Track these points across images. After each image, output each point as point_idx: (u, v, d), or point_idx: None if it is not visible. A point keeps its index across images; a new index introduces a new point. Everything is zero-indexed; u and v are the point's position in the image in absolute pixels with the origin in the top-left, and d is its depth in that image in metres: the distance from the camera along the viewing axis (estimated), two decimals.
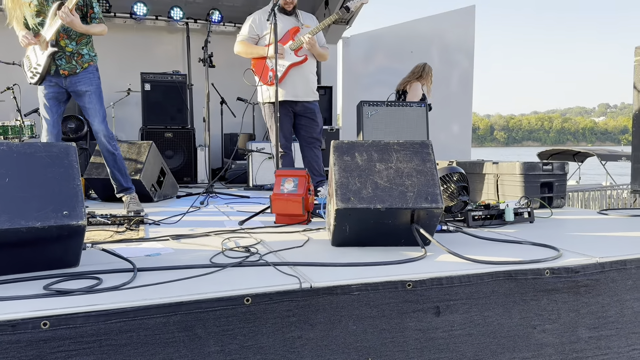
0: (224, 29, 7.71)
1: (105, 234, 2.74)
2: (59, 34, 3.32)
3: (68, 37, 3.36)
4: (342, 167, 2.35)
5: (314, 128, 4.25)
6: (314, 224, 3.10)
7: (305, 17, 4.27)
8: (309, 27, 4.11)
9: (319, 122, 4.29)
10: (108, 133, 3.53)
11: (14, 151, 1.93)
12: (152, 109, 6.33)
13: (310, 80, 4.23)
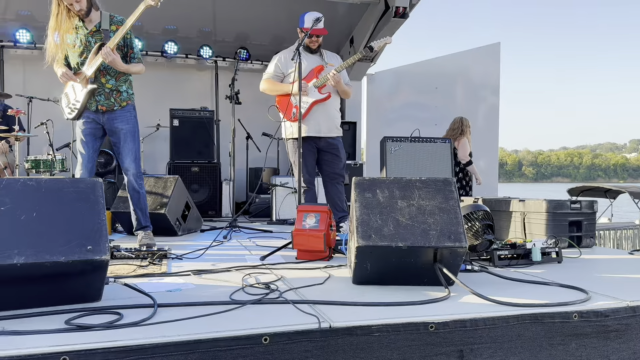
0: (251, 67, 7.90)
1: (129, 268, 2.77)
2: (99, 72, 3.45)
3: (108, 74, 3.49)
4: (364, 204, 2.34)
5: (337, 164, 4.27)
6: (335, 260, 3.08)
7: (330, 56, 4.36)
8: (333, 66, 4.19)
9: (342, 158, 4.31)
10: (137, 172, 3.61)
11: (42, 186, 1.99)
12: (180, 144, 6.46)
13: (334, 117, 4.28)
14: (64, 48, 3.45)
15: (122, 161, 3.60)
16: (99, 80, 3.47)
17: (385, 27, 6.16)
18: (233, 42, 7.53)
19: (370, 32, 6.45)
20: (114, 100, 3.52)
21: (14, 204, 1.89)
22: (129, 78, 3.63)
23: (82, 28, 3.45)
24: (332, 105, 4.25)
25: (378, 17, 6.25)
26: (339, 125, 4.34)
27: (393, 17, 5.98)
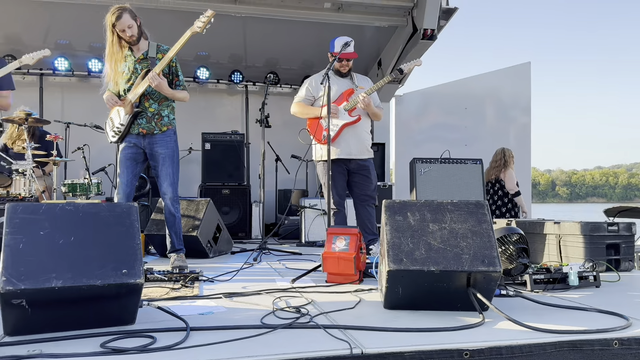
0: (281, 90, 8.02)
1: (162, 291, 2.80)
2: (144, 96, 3.58)
3: (151, 98, 3.62)
4: (394, 227, 2.33)
5: (368, 186, 4.27)
6: (366, 283, 3.05)
7: (360, 79, 4.38)
8: (363, 89, 4.22)
9: (373, 180, 4.31)
10: (174, 196, 3.68)
11: (80, 211, 2.05)
12: (211, 167, 6.56)
13: (364, 139, 4.29)
14: (116, 76, 3.58)
15: (160, 185, 3.68)
16: (142, 104, 3.59)
17: (414, 49, 6.18)
18: (263, 67, 7.67)
19: (398, 54, 6.48)
20: (154, 124, 3.62)
21: (53, 228, 1.95)
22: (172, 104, 3.74)
23: (131, 56, 3.61)
24: (362, 127, 4.26)
25: (406, 39, 6.28)
26: (369, 147, 4.35)
27: (421, 40, 6.00)
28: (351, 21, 6.22)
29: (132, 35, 3.50)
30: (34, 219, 1.94)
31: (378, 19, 6.26)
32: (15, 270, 1.81)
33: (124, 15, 3.45)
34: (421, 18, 5.96)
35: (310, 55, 7.46)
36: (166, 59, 3.51)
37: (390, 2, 6.07)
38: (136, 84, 3.56)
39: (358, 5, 6.05)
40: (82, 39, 6.71)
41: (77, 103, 7.18)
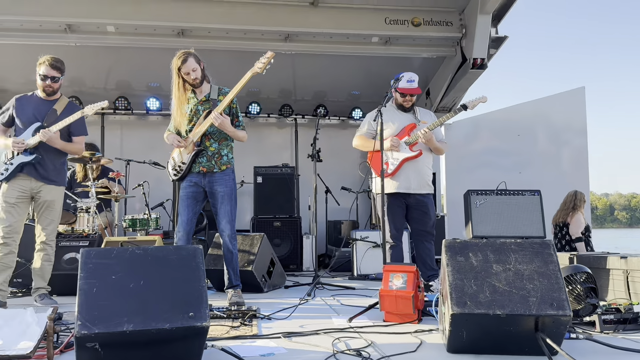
0: (329, 122, 8.11)
1: (222, 329, 2.83)
2: (205, 136, 3.70)
3: (212, 138, 3.74)
4: (456, 268, 2.28)
5: (427, 221, 4.22)
6: (425, 323, 2.99)
7: (423, 113, 4.37)
8: (425, 123, 4.20)
9: (432, 216, 4.25)
10: (232, 234, 3.76)
11: (148, 254, 2.12)
12: (263, 200, 6.67)
13: (425, 174, 4.25)
14: (179, 116, 3.74)
15: (219, 222, 3.76)
16: (203, 143, 3.72)
17: (463, 79, 6.15)
18: (311, 100, 7.81)
19: (447, 84, 6.46)
20: (214, 162, 3.73)
21: (124, 272, 2.03)
22: (230, 144, 3.86)
23: (194, 98, 3.76)
24: (423, 162, 4.24)
25: (455, 68, 6.26)
26: (430, 182, 4.31)
27: (471, 69, 5.96)
28: (399, 53, 6.28)
29: (195, 78, 3.66)
30: (106, 263, 2.02)
31: (426, 50, 6.29)
32: (89, 314, 1.89)
33: (189, 59, 3.62)
34: (470, 48, 5.94)
35: (357, 87, 7.55)
36: (227, 98, 3.65)
37: (439, 33, 6.09)
38: (198, 124, 3.70)
39: (406, 38, 6.10)
40: (140, 79, 7.05)
41: (136, 140, 7.51)
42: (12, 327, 1.97)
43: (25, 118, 3.77)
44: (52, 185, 3.81)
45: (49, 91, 3.82)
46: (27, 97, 3.87)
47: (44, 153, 3.74)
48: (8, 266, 3.68)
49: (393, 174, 4.18)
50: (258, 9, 5.85)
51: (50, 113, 3.80)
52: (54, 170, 3.82)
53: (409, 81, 4.15)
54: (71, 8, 5.57)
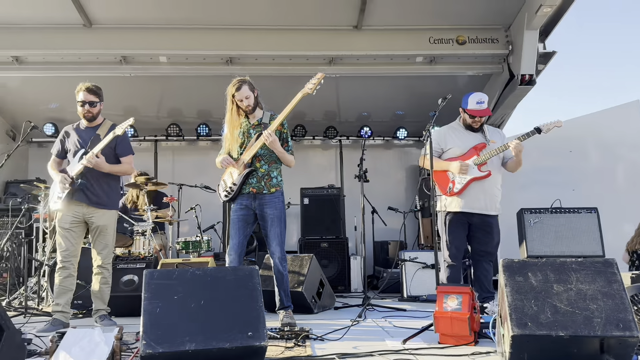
0: (373, 142, 8.13)
1: (277, 350, 2.85)
2: (255, 157, 3.80)
3: (262, 160, 3.83)
4: (515, 289, 2.24)
5: (489, 242, 4.13)
6: (482, 345, 2.92)
7: (492, 132, 4.29)
8: (495, 143, 4.14)
9: (495, 237, 4.15)
10: (282, 256, 3.81)
11: (207, 275, 2.19)
12: (309, 221, 6.71)
13: (492, 194, 4.17)
14: (232, 140, 3.85)
15: (269, 245, 3.82)
16: (254, 165, 3.81)
17: (511, 96, 6.05)
18: (355, 121, 7.85)
19: (495, 101, 6.35)
20: (264, 184, 3.81)
21: (185, 292, 2.09)
22: (279, 167, 3.94)
23: (246, 122, 3.88)
24: (491, 182, 4.16)
25: (502, 85, 6.17)
26: (497, 203, 4.20)
27: (519, 85, 5.87)
28: (444, 72, 6.25)
29: (248, 105, 3.79)
30: (168, 284, 2.09)
31: (472, 68, 6.24)
32: (153, 334, 1.95)
33: (243, 87, 3.76)
34: (518, 64, 5.86)
35: (401, 107, 7.55)
36: (279, 117, 3.74)
37: (484, 50, 6.04)
38: (249, 146, 3.80)
39: (451, 57, 6.07)
40: (191, 106, 7.30)
41: (187, 165, 7.75)
42: (82, 347, 2.06)
43: (72, 147, 3.91)
44: (104, 209, 3.90)
45: (89, 117, 3.93)
46: (73, 127, 4.01)
47: (92, 178, 3.84)
48: (69, 289, 3.82)
49: (459, 192, 4.12)
50: (303, 34, 5.98)
51: (94, 139, 3.89)
52: (103, 195, 3.90)
53: (479, 102, 4.13)
54: (126, 40, 5.86)
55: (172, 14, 5.71)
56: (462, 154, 4.20)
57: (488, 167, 4.12)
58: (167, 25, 5.85)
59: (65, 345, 2.06)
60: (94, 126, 3.99)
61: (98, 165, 3.81)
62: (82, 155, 3.85)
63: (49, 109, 6.99)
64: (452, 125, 4.36)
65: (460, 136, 4.23)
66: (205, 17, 5.78)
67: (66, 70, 5.98)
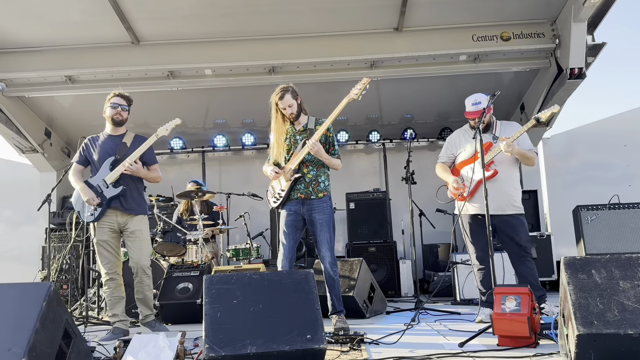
0: (417, 145, 8.03)
1: (332, 354, 2.86)
2: (302, 163, 3.83)
3: (310, 165, 3.86)
4: (578, 287, 2.16)
5: (516, 241, 4.00)
6: (543, 348, 2.83)
7: (505, 127, 4.19)
8: (504, 140, 4.03)
9: (521, 235, 4.02)
10: (332, 260, 3.82)
11: (264, 279, 2.22)
12: (356, 225, 6.71)
13: (506, 193, 4.04)
14: (278, 148, 3.89)
15: (319, 250, 3.83)
16: (301, 170, 3.84)
17: (561, 90, 5.86)
18: (398, 124, 7.79)
19: (543, 97, 6.18)
20: (312, 189, 3.83)
21: (244, 296, 2.13)
22: (327, 171, 3.96)
23: (292, 129, 3.92)
24: (503, 181, 4.05)
25: (551, 80, 5.99)
26: (515, 201, 4.08)
27: (568, 79, 5.68)
28: (488, 70, 6.12)
29: (292, 113, 3.82)
30: (228, 288, 2.14)
31: (517, 64, 6.08)
32: (215, 337, 2.00)
33: (286, 95, 3.80)
34: (566, 58, 5.68)
35: (445, 107, 7.43)
36: (325, 124, 3.77)
37: (530, 45, 5.88)
38: (296, 153, 3.83)
39: (496, 54, 5.94)
40: (235, 117, 7.44)
41: (233, 174, 7.89)
42: (148, 351, 2.13)
43: (99, 155, 3.97)
44: (138, 215, 3.98)
45: (118, 120, 4.01)
46: (97, 137, 4.09)
47: (126, 185, 3.92)
48: (121, 297, 3.93)
49: (469, 196, 4.10)
50: (343, 40, 5.99)
51: (121, 146, 3.98)
52: (135, 202, 3.97)
53: (474, 104, 4.08)
54: (172, 56, 6.04)
55: (215, 27, 5.85)
56: (469, 156, 4.14)
57: (494, 167, 3.99)
58: (210, 39, 5.98)
59: (132, 351, 2.13)
60: (119, 135, 4.06)
61: (137, 171, 3.90)
62: (112, 162, 3.92)
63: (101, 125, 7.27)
64: (463, 128, 4.32)
65: (469, 138, 4.16)
66: (247, 29, 5.88)
67: (116, 87, 6.19)
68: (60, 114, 6.99)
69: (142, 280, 3.97)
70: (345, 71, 6.10)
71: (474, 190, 4.11)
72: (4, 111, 6.28)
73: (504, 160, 4.08)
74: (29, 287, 2.22)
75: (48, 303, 2.20)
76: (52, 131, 7.17)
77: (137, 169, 3.89)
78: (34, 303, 2.15)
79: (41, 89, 6.27)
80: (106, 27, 5.72)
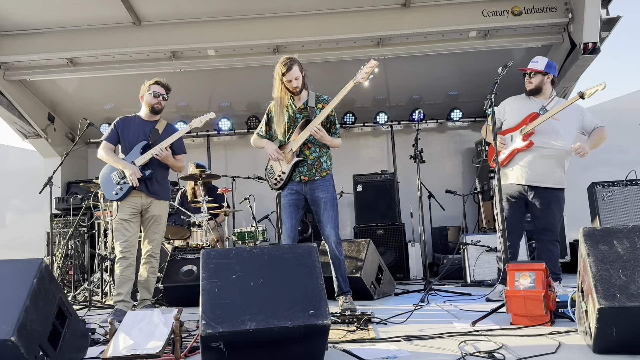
0: (426, 126, 7.87)
1: (338, 333, 2.76)
2: (304, 145, 3.70)
3: (312, 146, 3.72)
4: (599, 258, 2.03)
5: (545, 218, 3.84)
6: (559, 325, 2.71)
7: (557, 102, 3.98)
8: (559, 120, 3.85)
9: (554, 212, 3.85)
10: (337, 239, 3.70)
11: (265, 253, 2.10)
12: (364, 208, 6.59)
13: (541, 165, 3.88)
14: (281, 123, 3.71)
15: (323, 229, 3.71)
16: (303, 152, 3.71)
17: (574, 66, 5.67)
18: (406, 105, 7.62)
19: None
20: (315, 170, 3.71)
21: (243, 271, 2.02)
22: (329, 151, 3.83)
23: (292, 105, 3.75)
24: (541, 152, 3.89)
25: (564, 56, 5.80)
26: (554, 175, 3.89)
27: (582, 55, 5.49)
28: (499, 46, 5.94)
29: (297, 86, 3.65)
30: (226, 263, 2.03)
31: (530, 39, 5.90)
32: (213, 313, 1.89)
33: (294, 67, 3.63)
34: (580, 32, 5.48)
35: (455, 87, 7.27)
36: (328, 108, 3.61)
37: (542, 20, 5.69)
38: (296, 133, 3.68)
39: (506, 29, 5.76)
40: (240, 99, 7.31)
41: (239, 158, 7.78)
42: (141, 328, 2.03)
43: (131, 137, 3.95)
44: (161, 200, 3.98)
45: (158, 109, 4.00)
46: (130, 118, 4.05)
47: (153, 170, 3.90)
48: (129, 278, 3.87)
49: (502, 163, 3.97)
50: (349, 17, 5.84)
51: (153, 132, 3.97)
52: (159, 187, 3.97)
53: (533, 62, 3.97)
54: (174, 36, 5.91)
55: (218, 6, 5.71)
56: (515, 124, 4.02)
57: (534, 137, 3.81)
58: (213, 18, 5.85)
59: (125, 327, 2.03)
60: (153, 121, 4.05)
61: (166, 158, 3.89)
62: (144, 147, 3.91)
63: (104, 109, 7.18)
64: (517, 96, 4.13)
65: (519, 107, 4.02)
66: (250, 7, 5.74)
67: (118, 69, 6.11)
68: (63, 98, 6.90)
69: (151, 262, 3.96)
70: (351, 49, 5.96)
71: (506, 159, 3.97)
72: (5, 95, 6.19)
73: (543, 131, 3.89)
74: (20, 263, 2.12)
75: (39, 280, 2.10)
76: (55, 116, 7.08)
77: (166, 156, 3.89)
78: (25, 280, 2.06)
79: (43, 72, 6.19)
80: (107, 7, 5.60)
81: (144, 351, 1.95)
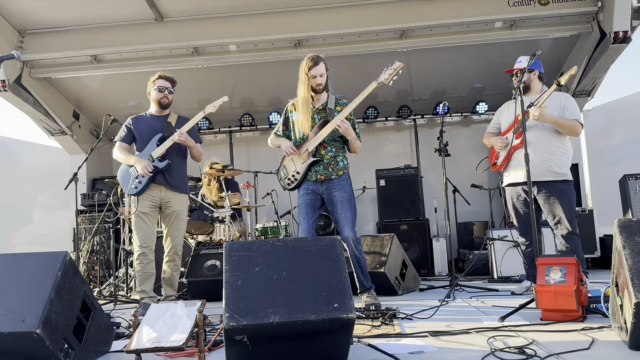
0: (450, 120, 7.74)
1: (363, 328, 2.72)
2: (321, 145, 3.63)
3: (329, 146, 3.66)
4: (636, 251, 1.94)
5: (555, 209, 3.76)
6: (591, 321, 2.62)
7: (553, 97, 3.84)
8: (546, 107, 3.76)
9: (561, 205, 3.75)
10: (356, 239, 3.63)
11: (288, 246, 2.07)
12: (387, 203, 6.51)
13: (543, 159, 3.81)
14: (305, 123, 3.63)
15: (341, 230, 3.63)
16: (319, 152, 3.65)
17: (604, 56, 5.49)
18: (430, 98, 7.50)
19: (585, 64, 5.81)
20: (331, 169, 3.64)
21: (267, 264, 1.99)
22: (345, 150, 3.76)
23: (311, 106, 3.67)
24: (539, 147, 3.81)
25: (593, 45, 5.62)
26: (553, 168, 3.81)
27: (612, 44, 5.31)
28: (526, 37, 5.78)
29: (320, 83, 3.58)
30: (249, 256, 2.00)
31: (557, 29, 5.73)
32: (236, 306, 1.86)
33: (320, 63, 3.58)
34: (610, 21, 5.31)
35: (480, 80, 7.11)
36: (350, 107, 3.57)
37: (571, 9, 5.52)
38: (313, 133, 3.61)
39: (533, 19, 5.61)
40: (261, 95, 7.30)
41: (260, 154, 7.76)
42: (165, 321, 2.02)
43: (145, 134, 3.94)
44: (180, 193, 3.95)
45: (165, 103, 3.96)
46: (141, 117, 4.05)
47: (171, 161, 3.87)
48: (151, 274, 3.86)
49: (502, 166, 4.00)
50: (371, 9, 5.75)
51: (167, 125, 3.95)
52: (178, 179, 3.94)
53: (517, 62, 3.96)
54: (196, 32, 5.92)
55: (239, 0, 5.69)
56: (508, 125, 4.03)
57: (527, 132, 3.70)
58: (235, 13, 5.83)
59: (148, 320, 2.02)
60: (163, 115, 4.03)
61: (187, 140, 3.85)
62: (160, 139, 3.89)
63: (128, 106, 7.24)
64: (511, 100, 4.09)
65: (512, 109, 3.97)
66: (271, 1, 5.70)
67: (141, 65, 6.13)
68: (88, 95, 6.98)
69: (174, 260, 3.94)
70: (373, 42, 5.87)
71: (505, 160, 3.98)
72: (31, 93, 6.28)
73: (538, 127, 3.84)
74: (44, 256, 2.13)
75: (64, 273, 2.11)
76: (80, 113, 7.17)
77: (186, 138, 3.86)
78: (49, 273, 2.07)
79: (67, 69, 6.25)
80: (129, 4, 5.63)
81: (168, 344, 1.93)
